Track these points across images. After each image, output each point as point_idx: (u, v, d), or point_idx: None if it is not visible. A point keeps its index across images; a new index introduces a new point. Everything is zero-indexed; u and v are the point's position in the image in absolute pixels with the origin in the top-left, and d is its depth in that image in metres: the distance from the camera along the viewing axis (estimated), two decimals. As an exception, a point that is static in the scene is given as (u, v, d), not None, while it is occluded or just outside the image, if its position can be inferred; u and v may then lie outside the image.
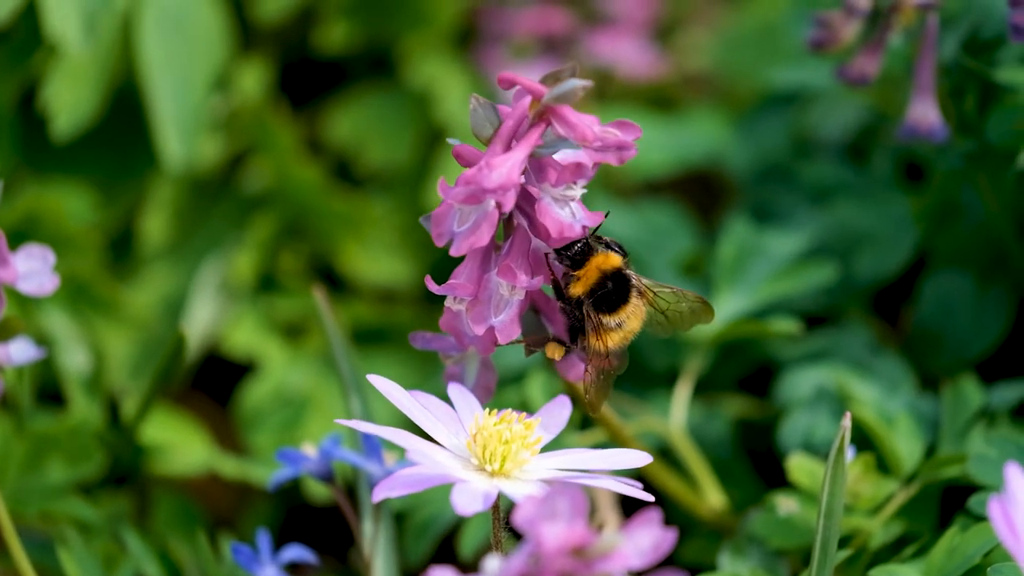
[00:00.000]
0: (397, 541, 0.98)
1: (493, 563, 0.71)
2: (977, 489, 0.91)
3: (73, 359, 1.15)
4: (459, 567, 0.81)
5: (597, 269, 0.83)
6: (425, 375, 1.21)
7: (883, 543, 0.93)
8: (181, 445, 1.16)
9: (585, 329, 0.84)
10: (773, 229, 1.11)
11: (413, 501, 1.02)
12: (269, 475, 1.05)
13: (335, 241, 1.27)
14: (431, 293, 0.81)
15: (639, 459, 0.83)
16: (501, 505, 0.81)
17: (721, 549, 0.96)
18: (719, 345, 1.08)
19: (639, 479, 0.90)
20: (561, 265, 0.84)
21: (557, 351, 0.85)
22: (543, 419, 0.83)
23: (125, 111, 1.24)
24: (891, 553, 0.94)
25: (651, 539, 0.70)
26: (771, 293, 1.07)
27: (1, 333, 0.87)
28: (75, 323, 1.16)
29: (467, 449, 0.81)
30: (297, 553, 0.92)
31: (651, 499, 0.79)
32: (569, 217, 0.81)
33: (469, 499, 0.77)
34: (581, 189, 0.81)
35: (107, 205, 1.25)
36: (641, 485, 0.81)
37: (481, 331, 0.82)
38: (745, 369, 1.14)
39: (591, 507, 0.99)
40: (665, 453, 1.03)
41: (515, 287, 0.82)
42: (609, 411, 0.91)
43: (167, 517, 1.15)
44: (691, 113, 1.36)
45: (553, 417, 0.85)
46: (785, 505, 0.94)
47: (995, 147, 1.02)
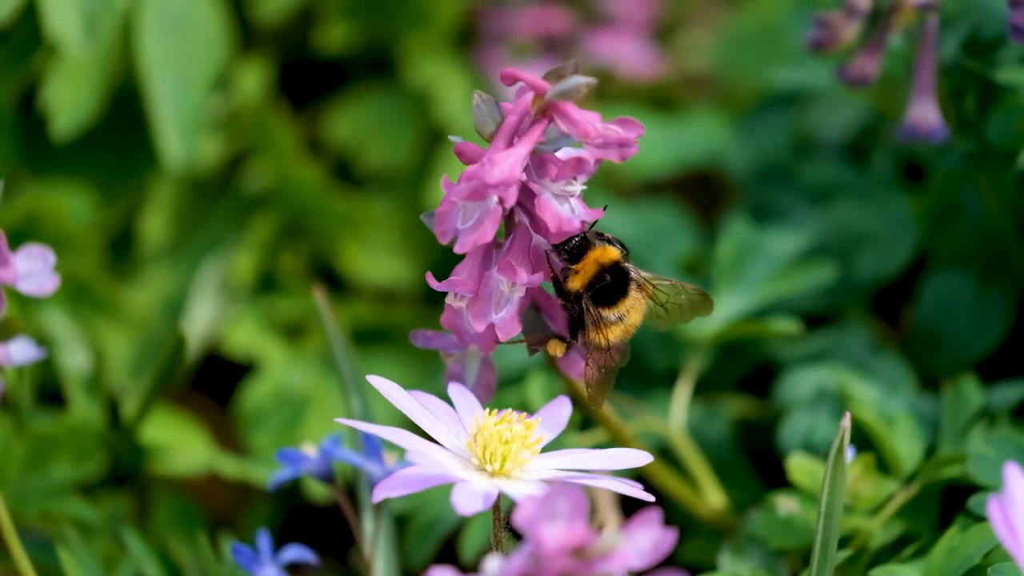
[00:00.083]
0: (397, 541, 0.98)
1: (493, 563, 0.71)
2: (977, 489, 0.91)
3: (73, 359, 1.15)
4: (461, 568, 0.81)
5: (595, 263, 0.83)
6: (425, 375, 1.21)
7: (883, 543, 0.93)
8: (181, 445, 1.16)
9: (585, 324, 0.84)
10: (773, 229, 1.11)
11: (415, 503, 1.02)
12: (269, 475, 1.05)
13: (335, 241, 1.27)
14: (431, 293, 0.81)
15: (639, 459, 0.83)
16: (502, 505, 0.81)
17: (721, 549, 0.96)
18: (719, 345, 1.08)
19: (639, 479, 0.90)
20: (560, 260, 0.84)
21: (559, 348, 0.85)
22: (543, 419, 0.83)
23: (125, 111, 1.23)
24: (891, 553, 0.94)
25: (651, 539, 0.70)
26: (771, 293, 1.07)
27: (1, 333, 0.87)
28: (75, 323, 1.16)
29: (467, 449, 0.80)
30: (297, 553, 0.92)
31: (651, 499, 0.79)
32: (568, 212, 0.81)
33: (469, 499, 0.77)
34: (581, 185, 0.81)
35: (107, 205, 1.25)
36: (641, 485, 0.81)
37: (482, 328, 0.82)
38: (745, 369, 1.14)
39: (591, 507, 0.99)
40: (665, 453, 1.03)
41: (515, 284, 0.82)
42: (610, 410, 0.91)
43: (167, 517, 1.15)
44: (691, 113, 1.36)
45: (553, 417, 0.85)
46: (785, 505, 0.94)
47: (995, 147, 1.02)
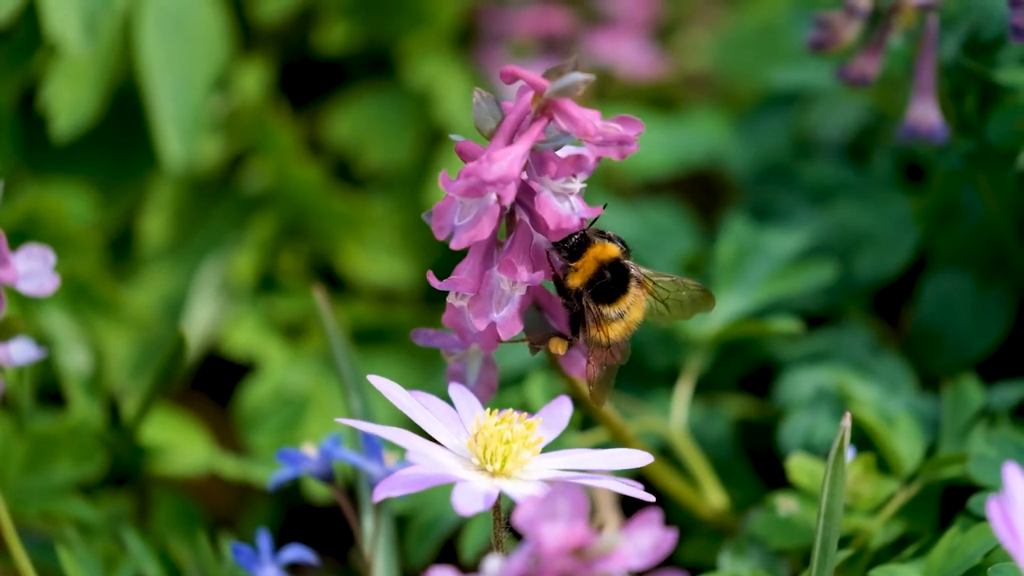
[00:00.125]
0: (398, 541, 0.98)
1: (493, 563, 0.71)
2: (978, 489, 0.91)
3: (73, 359, 1.15)
4: (461, 568, 0.81)
5: (595, 260, 0.83)
6: (425, 375, 1.21)
7: (883, 543, 0.93)
8: (181, 445, 1.16)
9: (586, 321, 0.84)
10: (773, 229, 1.11)
11: (416, 503, 1.01)
12: (269, 475, 1.05)
13: (335, 241, 1.27)
14: (431, 293, 0.81)
15: (640, 459, 0.83)
16: (502, 505, 0.81)
17: (721, 549, 0.96)
18: (719, 345, 1.08)
19: (640, 479, 0.90)
20: (560, 258, 0.84)
21: (560, 346, 0.85)
22: (544, 419, 0.83)
23: (125, 111, 1.23)
24: (891, 553, 0.94)
25: (651, 539, 0.70)
26: (771, 293, 1.07)
27: (1, 333, 0.87)
28: (75, 323, 1.16)
29: (468, 449, 0.80)
30: (297, 553, 0.92)
31: (652, 499, 0.79)
32: (568, 210, 0.81)
33: (470, 499, 0.77)
34: (581, 183, 0.81)
35: (107, 205, 1.25)
36: (642, 485, 0.81)
37: (483, 326, 0.82)
38: (745, 369, 1.14)
39: (591, 507, 0.99)
40: (666, 453, 1.03)
41: (516, 282, 0.82)
42: (611, 410, 0.91)
43: (167, 517, 1.15)
44: (691, 113, 1.36)
45: (554, 417, 0.84)
46: (785, 505, 0.94)
47: (995, 147, 1.02)
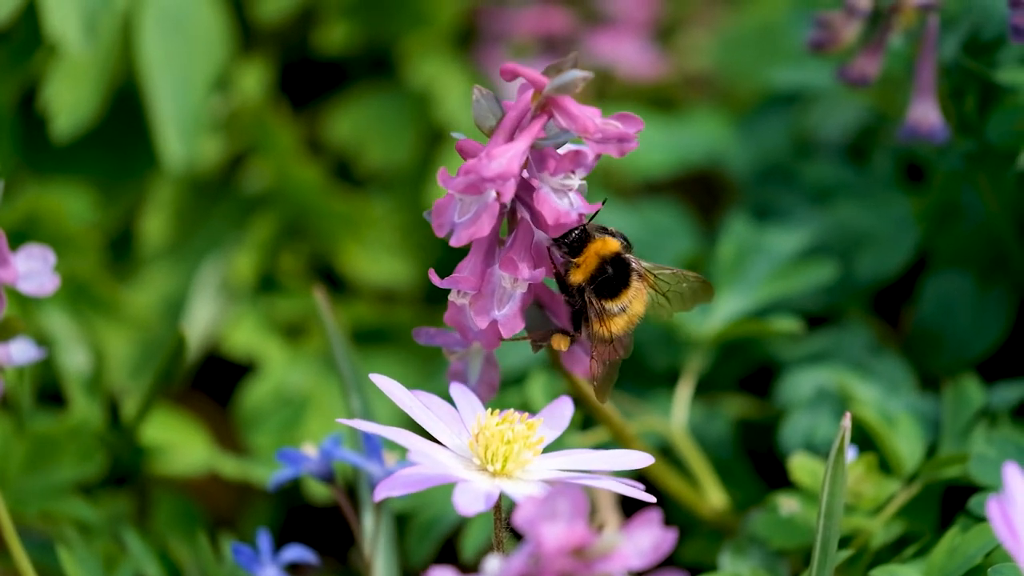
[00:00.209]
0: (398, 541, 0.98)
1: (493, 563, 0.71)
2: (978, 489, 0.91)
3: (73, 359, 1.15)
4: (461, 568, 0.81)
5: (596, 255, 0.83)
6: (425, 375, 1.21)
7: (884, 543, 0.93)
8: (181, 445, 1.16)
9: (588, 317, 0.84)
10: (773, 229, 1.11)
11: (416, 502, 1.01)
12: (269, 475, 1.05)
13: (335, 241, 1.27)
14: (431, 293, 0.81)
15: (641, 460, 0.83)
16: (503, 505, 0.81)
17: (722, 549, 0.96)
18: (720, 345, 1.08)
19: (640, 479, 0.90)
20: (561, 254, 0.84)
21: (563, 342, 0.85)
22: (545, 419, 0.83)
23: (125, 111, 1.23)
24: (892, 553, 0.94)
25: (651, 539, 0.70)
26: (771, 292, 1.07)
27: (1, 333, 0.87)
28: (75, 323, 1.16)
29: (469, 449, 0.80)
30: (298, 553, 0.92)
31: (652, 500, 0.79)
32: (567, 206, 0.81)
33: (471, 499, 0.77)
34: (580, 179, 0.81)
35: (107, 205, 1.25)
36: (642, 486, 0.81)
37: (484, 324, 0.82)
38: (746, 369, 1.14)
39: (592, 507, 0.99)
40: (666, 453, 1.03)
41: (517, 279, 0.82)
42: (612, 409, 0.91)
43: (167, 517, 1.15)
44: (691, 113, 1.36)
45: (555, 417, 0.84)
46: (788, 505, 0.94)
47: (995, 147, 1.02)
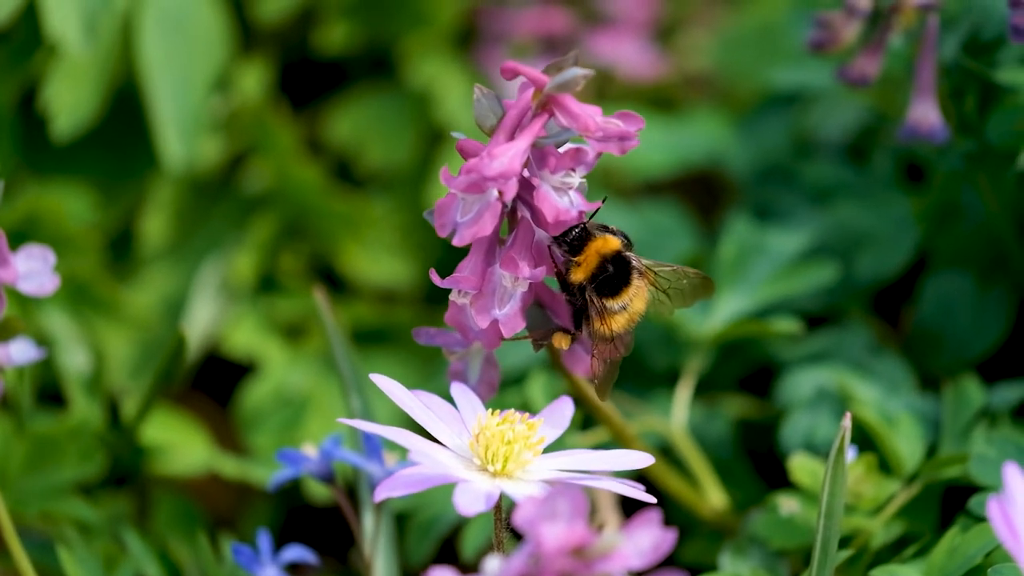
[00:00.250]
0: (398, 541, 0.98)
1: (493, 563, 0.71)
2: (978, 489, 0.91)
3: (73, 359, 1.15)
4: (461, 568, 0.81)
5: (596, 253, 0.83)
6: (425, 376, 1.21)
7: (884, 543, 0.93)
8: (181, 445, 1.16)
9: (589, 315, 0.84)
10: (774, 229, 1.11)
11: (415, 502, 1.01)
12: (269, 475, 1.05)
13: (335, 241, 1.27)
14: (432, 293, 0.81)
15: (641, 460, 0.83)
16: (503, 506, 0.81)
17: (722, 549, 0.96)
18: (720, 345, 1.08)
19: (640, 479, 0.90)
20: (561, 253, 0.84)
21: (564, 340, 0.85)
22: (546, 419, 0.83)
23: (125, 111, 1.23)
24: (892, 553, 0.94)
25: (651, 539, 0.70)
26: (772, 293, 1.07)
27: (1, 333, 0.87)
28: (75, 323, 1.16)
29: (469, 449, 0.80)
30: (298, 553, 0.92)
31: (652, 500, 0.79)
32: (567, 204, 0.81)
33: (471, 499, 0.77)
34: (580, 178, 0.81)
35: (107, 205, 1.25)
36: (642, 486, 0.81)
37: (485, 324, 0.82)
38: (746, 369, 1.14)
39: (592, 507, 0.99)
40: (666, 453, 1.03)
41: (518, 278, 0.82)
42: (612, 409, 0.91)
43: (167, 517, 1.15)
44: (692, 113, 1.36)
45: (556, 417, 0.84)
46: (788, 505, 0.94)
47: (995, 148, 1.02)
